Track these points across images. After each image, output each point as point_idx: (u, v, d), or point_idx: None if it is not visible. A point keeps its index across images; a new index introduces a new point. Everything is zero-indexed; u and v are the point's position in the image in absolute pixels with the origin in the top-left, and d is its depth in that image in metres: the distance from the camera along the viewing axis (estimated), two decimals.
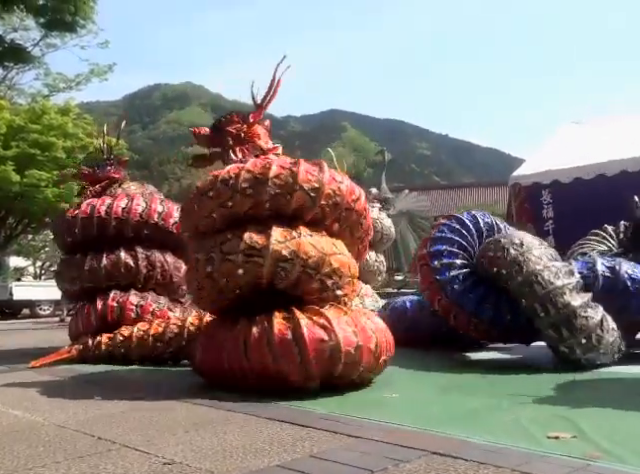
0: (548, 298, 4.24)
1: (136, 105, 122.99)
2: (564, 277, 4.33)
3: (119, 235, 5.54)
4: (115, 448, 2.43)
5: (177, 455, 2.30)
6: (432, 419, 2.77)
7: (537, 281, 4.29)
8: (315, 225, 3.69)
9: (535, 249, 4.51)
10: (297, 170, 3.60)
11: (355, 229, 3.96)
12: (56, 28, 16.78)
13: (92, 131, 19.33)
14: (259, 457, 2.24)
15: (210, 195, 3.65)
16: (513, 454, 2.18)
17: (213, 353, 3.56)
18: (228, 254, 3.52)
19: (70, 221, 5.63)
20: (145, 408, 3.17)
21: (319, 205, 3.64)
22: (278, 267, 3.46)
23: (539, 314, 4.29)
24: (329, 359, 3.29)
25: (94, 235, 5.51)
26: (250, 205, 3.59)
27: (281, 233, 3.52)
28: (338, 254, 3.66)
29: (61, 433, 2.70)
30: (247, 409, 3.03)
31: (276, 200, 3.57)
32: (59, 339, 6.66)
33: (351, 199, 3.78)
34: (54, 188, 17.06)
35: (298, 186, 3.57)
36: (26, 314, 13.96)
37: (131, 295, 5.34)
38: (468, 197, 36.36)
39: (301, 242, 3.50)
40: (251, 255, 3.47)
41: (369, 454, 2.23)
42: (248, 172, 3.61)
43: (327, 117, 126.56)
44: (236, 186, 3.57)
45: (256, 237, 3.50)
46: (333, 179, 3.71)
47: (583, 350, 4.21)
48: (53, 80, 21.21)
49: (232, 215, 3.64)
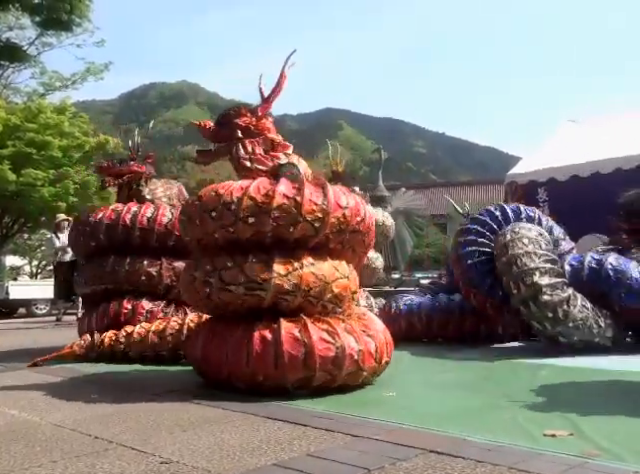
0: (520, 277, 4.88)
1: (132, 104, 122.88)
2: (540, 261, 4.93)
3: (144, 244, 5.50)
4: (112, 447, 2.42)
5: (174, 454, 2.29)
6: (430, 417, 2.77)
7: (515, 262, 4.94)
8: (318, 249, 3.61)
9: (525, 237, 5.10)
10: (301, 200, 3.46)
11: (358, 246, 3.88)
12: (52, 27, 16.78)
13: (88, 130, 19.31)
14: (256, 456, 2.24)
15: (213, 216, 3.52)
16: (510, 452, 2.18)
17: (213, 351, 3.53)
18: (228, 284, 3.44)
19: (94, 225, 5.57)
20: (142, 407, 3.17)
21: (323, 234, 3.55)
22: (280, 298, 3.42)
23: (513, 291, 4.96)
24: (333, 361, 3.30)
25: (120, 240, 5.49)
26: (252, 233, 3.48)
27: (283, 265, 3.43)
28: (340, 279, 3.61)
29: (58, 432, 2.70)
30: (244, 408, 3.02)
31: (279, 230, 3.47)
32: (56, 338, 6.65)
33: (355, 221, 3.67)
34: (50, 187, 17.01)
35: (302, 217, 3.45)
36: (22, 313, 13.94)
37: (144, 300, 5.35)
38: (465, 195, 36.41)
39: (303, 274, 3.43)
40: (252, 288, 3.40)
41: (366, 453, 2.23)
42: (251, 199, 3.45)
43: (323, 115, 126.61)
44: (238, 213, 3.44)
45: (258, 270, 3.41)
46: (338, 205, 3.57)
47: (551, 323, 4.77)
48: (49, 79, 21.19)
49: (234, 239, 3.53)
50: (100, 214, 5.59)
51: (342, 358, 3.31)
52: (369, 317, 3.82)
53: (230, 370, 3.41)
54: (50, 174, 17.15)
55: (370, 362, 3.47)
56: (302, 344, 3.28)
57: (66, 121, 18.33)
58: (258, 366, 3.30)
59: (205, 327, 3.88)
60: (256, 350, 3.30)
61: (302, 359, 3.27)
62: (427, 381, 3.98)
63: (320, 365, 3.27)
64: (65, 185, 17.30)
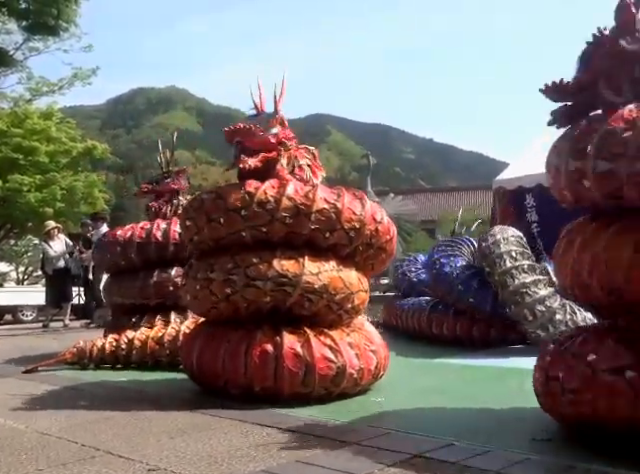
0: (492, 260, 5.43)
1: (120, 109, 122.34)
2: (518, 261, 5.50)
3: (174, 258, 5.41)
4: (99, 455, 2.40)
5: (162, 461, 2.28)
6: (417, 423, 2.78)
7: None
8: (346, 258, 3.57)
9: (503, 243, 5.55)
10: (341, 208, 3.41)
11: (378, 264, 3.86)
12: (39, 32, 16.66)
13: (75, 135, 19.23)
14: (244, 462, 2.23)
15: (243, 214, 3.37)
16: (498, 457, 2.19)
17: (210, 358, 3.43)
18: (254, 279, 3.31)
19: (124, 243, 5.47)
20: (130, 414, 3.14)
21: (355, 245, 3.53)
22: (305, 298, 3.35)
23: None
24: (332, 380, 3.27)
25: (153, 259, 5.43)
26: (286, 233, 3.40)
27: (314, 263, 3.37)
28: (362, 291, 3.59)
29: (44, 440, 2.67)
30: (233, 414, 3.01)
31: (315, 234, 3.41)
32: (44, 345, 6.59)
33: (385, 239, 3.65)
34: (37, 193, 16.92)
35: (340, 225, 3.41)
36: (8, 320, 13.81)
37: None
38: (452, 200, 36.60)
39: (333, 277, 3.39)
40: (282, 284, 3.31)
41: (355, 458, 2.23)
42: (290, 199, 3.35)
43: (312, 121, 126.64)
44: (275, 213, 3.34)
45: (287, 265, 3.33)
46: (373, 219, 3.55)
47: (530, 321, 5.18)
48: (36, 84, 21.00)
49: (264, 238, 3.43)
50: (128, 233, 5.52)
51: (342, 377, 3.28)
52: (368, 327, 3.79)
53: (227, 378, 3.34)
54: (37, 180, 17.05)
55: (368, 379, 3.48)
56: (303, 361, 3.21)
57: (53, 126, 18.26)
58: (256, 377, 3.23)
59: (201, 332, 3.73)
60: (255, 362, 3.22)
61: (302, 376, 3.21)
62: (414, 386, 3.98)
63: (319, 383, 3.23)
64: (52, 191, 17.20)
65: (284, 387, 3.21)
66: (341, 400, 3.36)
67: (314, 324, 3.41)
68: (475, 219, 10.30)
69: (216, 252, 3.57)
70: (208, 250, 3.64)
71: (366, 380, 3.47)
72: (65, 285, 10.41)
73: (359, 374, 3.37)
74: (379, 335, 3.83)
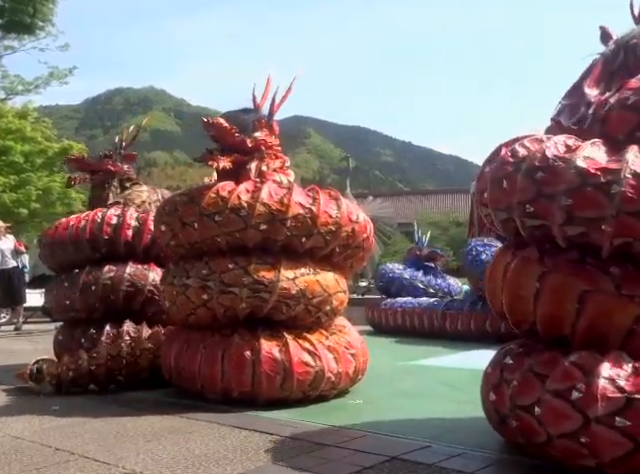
0: None
1: (97, 109, 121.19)
2: None
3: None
4: (73, 459, 2.37)
5: (137, 465, 2.26)
6: (395, 425, 2.79)
7: None
8: (323, 261, 3.55)
9: None
10: (317, 212, 3.37)
11: (357, 262, 3.86)
12: (14, 30, 16.46)
13: (51, 135, 18.97)
14: (222, 465, 2.22)
15: (216, 220, 3.30)
16: (475, 459, 2.21)
17: (187, 362, 3.40)
18: (230, 286, 3.26)
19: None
20: (105, 418, 3.10)
21: (332, 247, 3.51)
22: (282, 303, 3.32)
23: None
24: (310, 384, 3.27)
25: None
26: (261, 239, 3.35)
27: (291, 269, 3.34)
28: (340, 292, 3.57)
29: (17, 444, 2.63)
30: (210, 417, 2.99)
31: (291, 240, 3.37)
32: (19, 350, 6.49)
33: (362, 238, 3.65)
34: (11, 193, 16.66)
35: (316, 229, 3.37)
36: None
37: None
38: (430, 203, 36.81)
39: (310, 280, 3.37)
40: (257, 290, 3.27)
41: (332, 460, 2.23)
42: (264, 205, 3.27)
43: (291, 123, 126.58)
44: (249, 220, 3.27)
45: (263, 271, 3.28)
46: (349, 219, 3.52)
47: None
48: (11, 83, 20.71)
49: (239, 244, 3.37)
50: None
51: (320, 380, 3.29)
52: (349, 330, 3.77)
53: (203, 383, 3.32)
54: (11, 180, 16.79)
55: (346, 382, 3.49)
56: (281, 366, 3.19)
57: (28, 126, 18.01)
58: (233, 382, 3.22)
59: (178, 336, 3.67)
60: (232, 367, 3.20)
61: (279, 381, 3.20)
62: (393, 387, 4.00)
63: (297, 387, 3.23)
64: (27, 191, 16.95)
65: (262, 392, 3.20)
66: (319, 403, 3.36)
67: (293, 327, 3.40)
68: (454, 221, 10.30)
69: (192, 257, 3.52)
70: (185, 254, 3.59)
71: (344, 383, 3.48)
72: (14, 286, 9.81)
73: (337, 378, 3.37)
74: (360, 338, 3.83)
